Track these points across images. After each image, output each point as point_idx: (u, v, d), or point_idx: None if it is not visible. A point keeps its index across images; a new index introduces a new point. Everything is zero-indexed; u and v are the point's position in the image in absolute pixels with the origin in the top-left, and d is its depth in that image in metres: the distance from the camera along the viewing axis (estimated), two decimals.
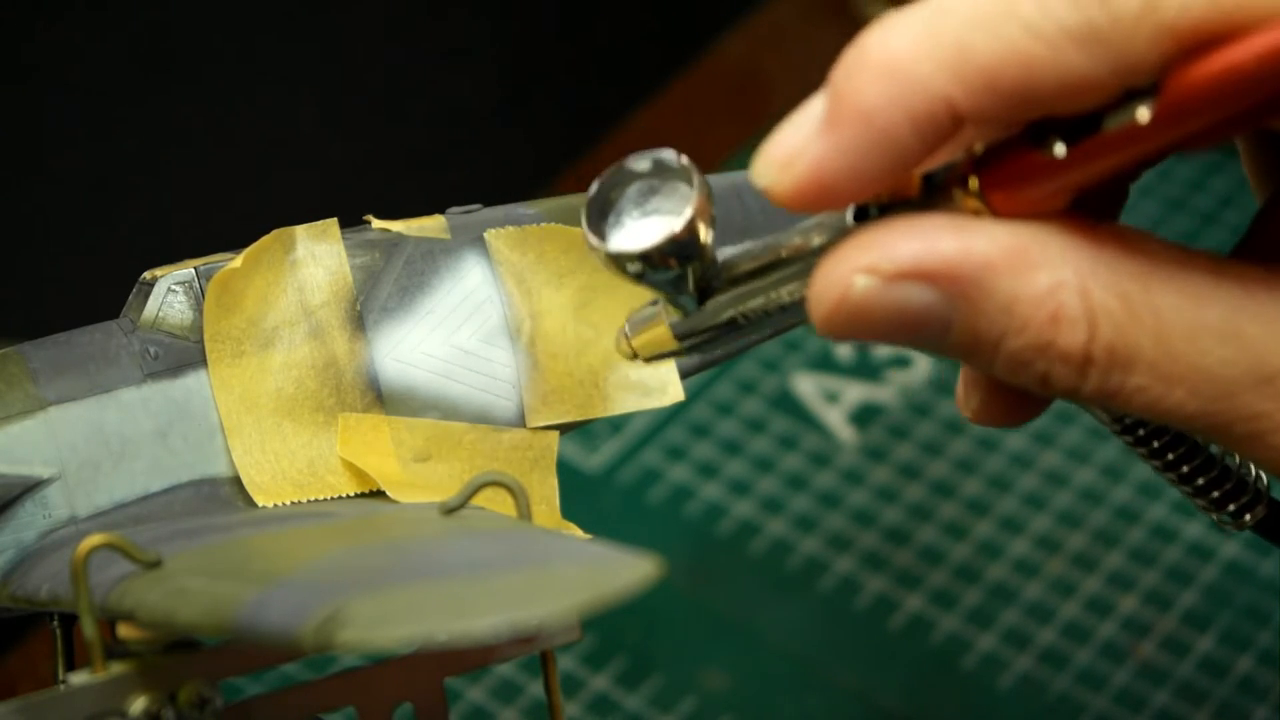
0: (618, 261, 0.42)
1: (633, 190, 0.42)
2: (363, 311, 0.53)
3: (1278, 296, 0.39)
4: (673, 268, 0.42)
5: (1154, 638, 0.73)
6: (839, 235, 0.41)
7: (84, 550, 0.44)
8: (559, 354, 0.54)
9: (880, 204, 0.40)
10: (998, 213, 0.39)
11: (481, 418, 0.53)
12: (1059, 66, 0.37)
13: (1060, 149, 0.38)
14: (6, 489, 0.50)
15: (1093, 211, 0.40)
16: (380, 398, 0.53)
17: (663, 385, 0.55)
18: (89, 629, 0.44)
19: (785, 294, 0.42)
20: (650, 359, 0.46)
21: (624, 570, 0.39)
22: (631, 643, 0.74)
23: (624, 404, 0.55)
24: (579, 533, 0.51)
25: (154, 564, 0.44)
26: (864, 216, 0.40)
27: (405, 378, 0.53)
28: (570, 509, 0.54)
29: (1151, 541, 0.76)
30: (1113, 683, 0.71)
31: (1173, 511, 0.77)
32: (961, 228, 0.39)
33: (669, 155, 0.42)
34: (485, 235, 0.54)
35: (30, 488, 0.50)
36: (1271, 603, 0.73)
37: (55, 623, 0.52)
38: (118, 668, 0.45)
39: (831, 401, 0.82)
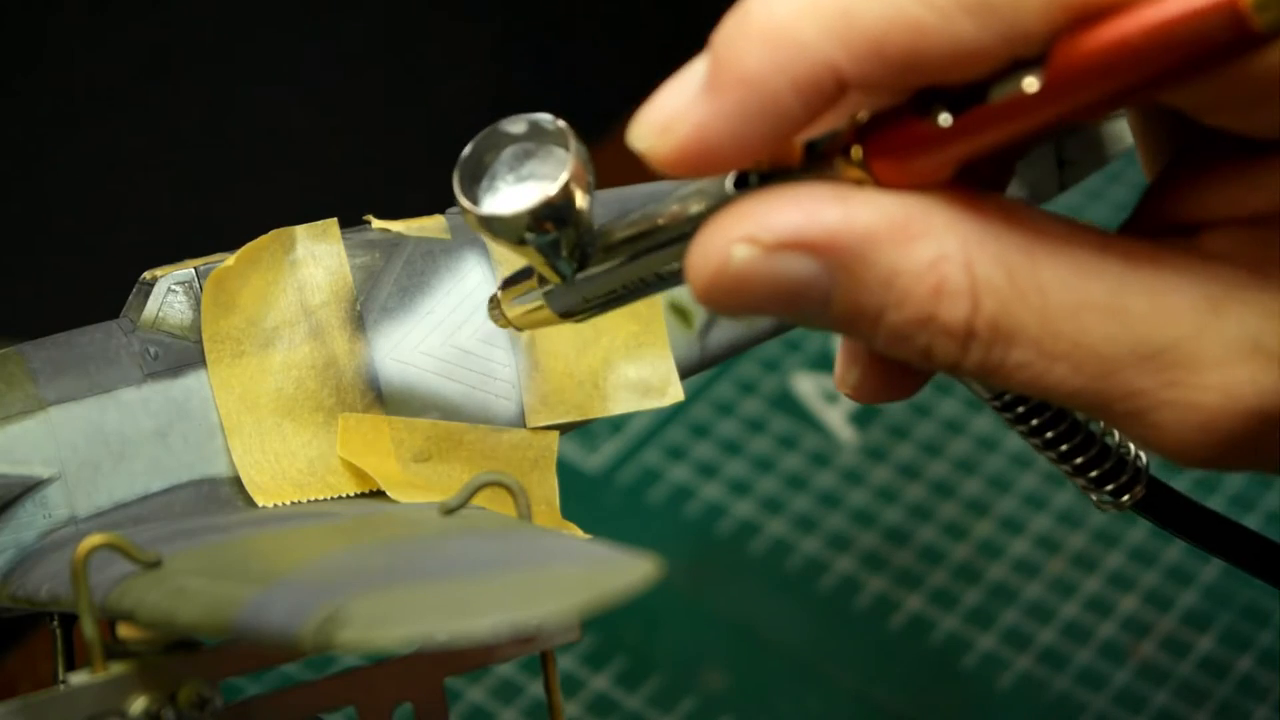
0: (491, 225, 0.41)
1: (507, 154, 0.41)
2: (363, 311, 0.53)
3: (1163, 273, 0.38)
4: (548, 232, 0.41)
5: (1154, 638, 0.73)
6: (718, 203, 0.40)
7: (84, 550, 0.44)
8: (559, 354, 0.54)
9: (761, 172, 0.39)
10: (881, 183, 0.38)
11: (481, 418, 0.53)
12: (947, 33, 0.36)
13: (946, 118, 0.37)
14: (6, 489, 0.50)
15: (978, 185, 0.39)
16: (380, 398, 0.53)
17: (663, 385, 0.55)
18: (89, 629, 0.44)
19: (663, 262, 0.42)
20: (525, 328, 0.45)
21: (624, 570, 0.39)
22: (631, 643, 0.74)
23: (624, 404, 0.55)
24: (579, 533, 0.51)
25: (154, 564, 0.44)
26: (744, 184, 0.39)
27: (405, 378, 0.53)
28: (570, 509, 0.54)
29: (1151, 541, 0.76)
30: (1113, 683, 0.71)
31: None
32: (843, 197, 0.38)
33: (545, 118, 0.41)
34: None
35: (30, 488, 0.50)
36: (1271, 603, 0.73)
37: (55, 623, 0.52)
38: (118, 668, 0.45)
39: (831, 401, 0.82)
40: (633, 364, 0.55)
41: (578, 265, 0.42)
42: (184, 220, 1.02)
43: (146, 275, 0.52)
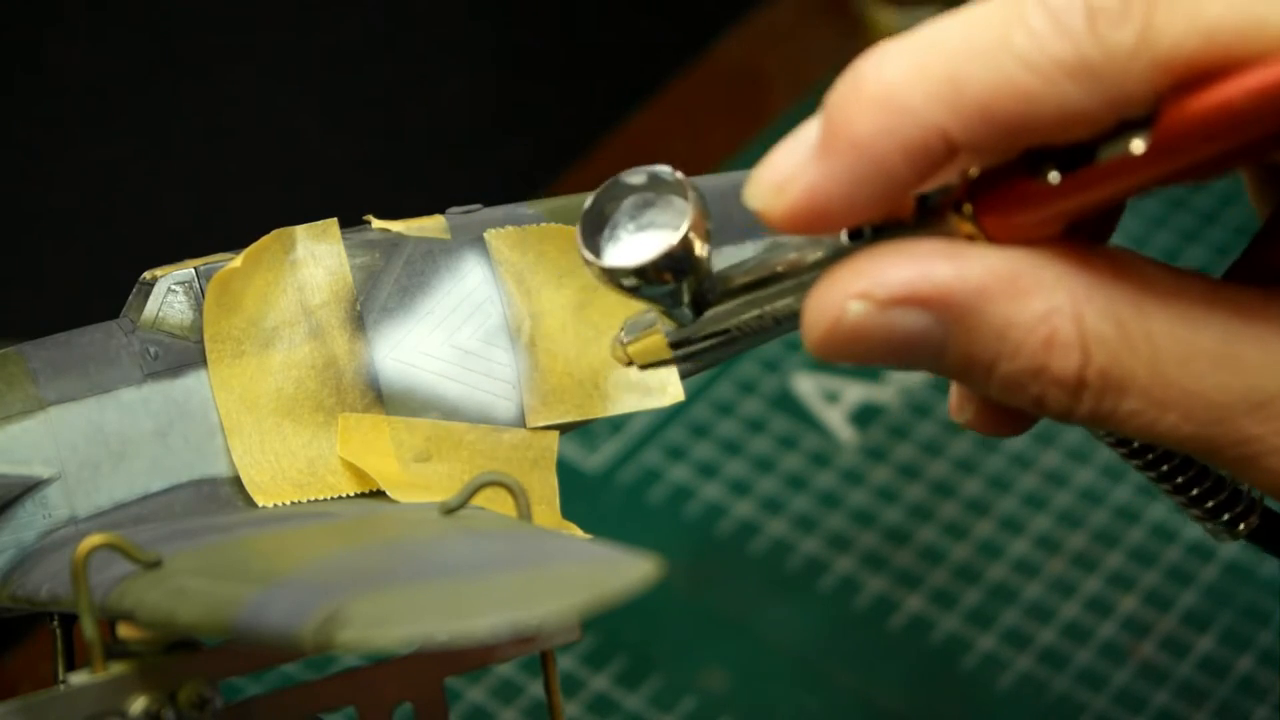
0: (613, 277, 0.42)
1: (627, 204, 0.42)
2: (363, 311, 0.53)
3: (1273, 321, 0.39)
4: (668, 282, 0.42)
5: (1154, 638, 0.73)
6: (834, 253, 0.41)
7: (84, 550, 0.44)
8: (559, 354, 0.54)
9: (874, 225, 0.41)
10: (992, 238, 0.39)
11: (481, 418, 0.53)
12: (1053, 99, 0.37)
13: (1055, 177, 0.38)
14: (6, 489, 0.50)
15: (1084, 233, 0.40)
16: (380, 398, 0.53)
17: (663, 385, 0.55)
18: (89, 629, 0.44)
19: (780, 308, 0.43)
20: (646, 366, 0.46)
21: (624, 570, 0.39)
22: (631, 643, 0.74)
23: (624, 404, 0.55)
24: (579, 533, 0.51)
25: (154, 564, 0.44)
26: (859, 236, 0.41)
27: (405, 378, 0.53)
28: (570, 509, 0.54)
29: (1151, 541, 0.76)
30: (1113, 683, 0.71)
31: (1173, 511, 0.77)
32: (955, 253, 0.39)
33: (664, 170, 0.42)
34: (485, 235, 0.54)
35: (30, 488, 0.50)
36: (1271, 603, 0.73)
37: (55, 623, 0.52)
38: (118, 668, 0.45)
39: (831, 401, 0.82)
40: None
41: (697, 310, 0.43)
42: (184, 220, 1.02)
43: (146, 275, 0.52)
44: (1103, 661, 0.72)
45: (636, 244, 0.42)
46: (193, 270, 0.52)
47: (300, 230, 0.53)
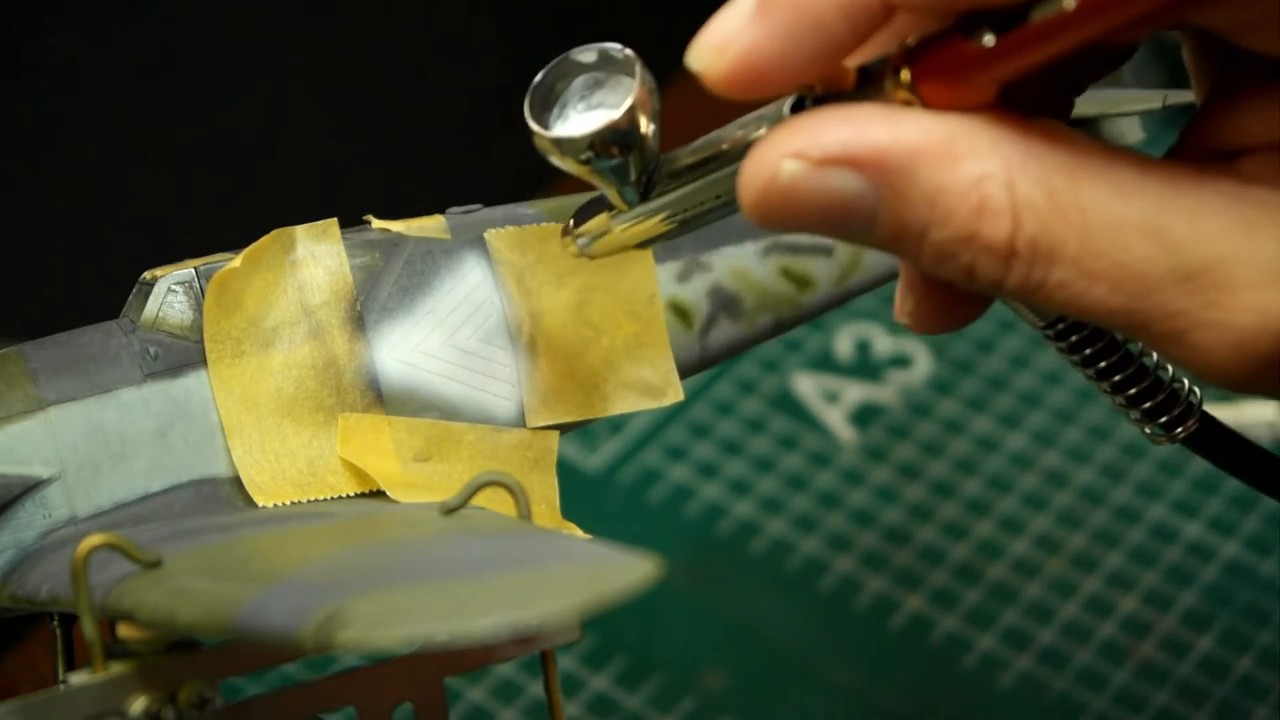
0: (561, 147, 0.43)
1: (578, 82, 0.43)
2: (363, 311, 0.53)
3: (1203, 195, 0.39)
4: (615, 156, 0.42)
5: (1154, 638, 0.73)
6: (776, 126, 0.41)
7: (84, 550, 0.44)
8: (559, 354, 0.54)
9: (815, 96, 0.41)
10: (928, 104, 0.39)
11: (481, 418, 0.53)
12: None
13: (989, 39, 0.38)
14: (6, 489, 0.50)
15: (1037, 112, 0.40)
16: (380, 398, 0.53)
17: (663, 385, 0.55)
18: (89, 629, 0.44)
19: (724, 186, 0.43)
20: (596, 255, 0.47)
21: (624, 570, 0.39)
22: (631, 643, 0.74)
23: (624, 404, 0.55)
24: (579, 533, 0.51)
25: (154, 564, 0.44)
26: (801, 108, 0.41)
27: (405, 378, 0.53)
28: (570, 509, 0.54)
29: (1151, 541, 0.76)
30: (1113, 683, 0.71)
31: (1173, 511, 0.77)
32: (891, 117, 0.39)
33: (614, 47, 0.43)
34: (485, 235, 0.54)
35: (30, 488, 0.50)
36: (1271, 603, 0.73)
37: (55, 623, 0.52)
38: (118, 668, 0.45)
39: (831, 401, 0.82)
40: (633, 364, 0.55)
41: (644, 191, 0.44)
42: (184, 220, 1.02)
43: (146, 275, 0.52)
44: (1103, 661, 0.72)
45: (585, 120, 0.42)
46: (193, 270, 0.52)
47: (300, 230, 0.53)
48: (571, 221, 0.47)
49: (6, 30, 1.06)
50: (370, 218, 0.54)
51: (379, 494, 0.52)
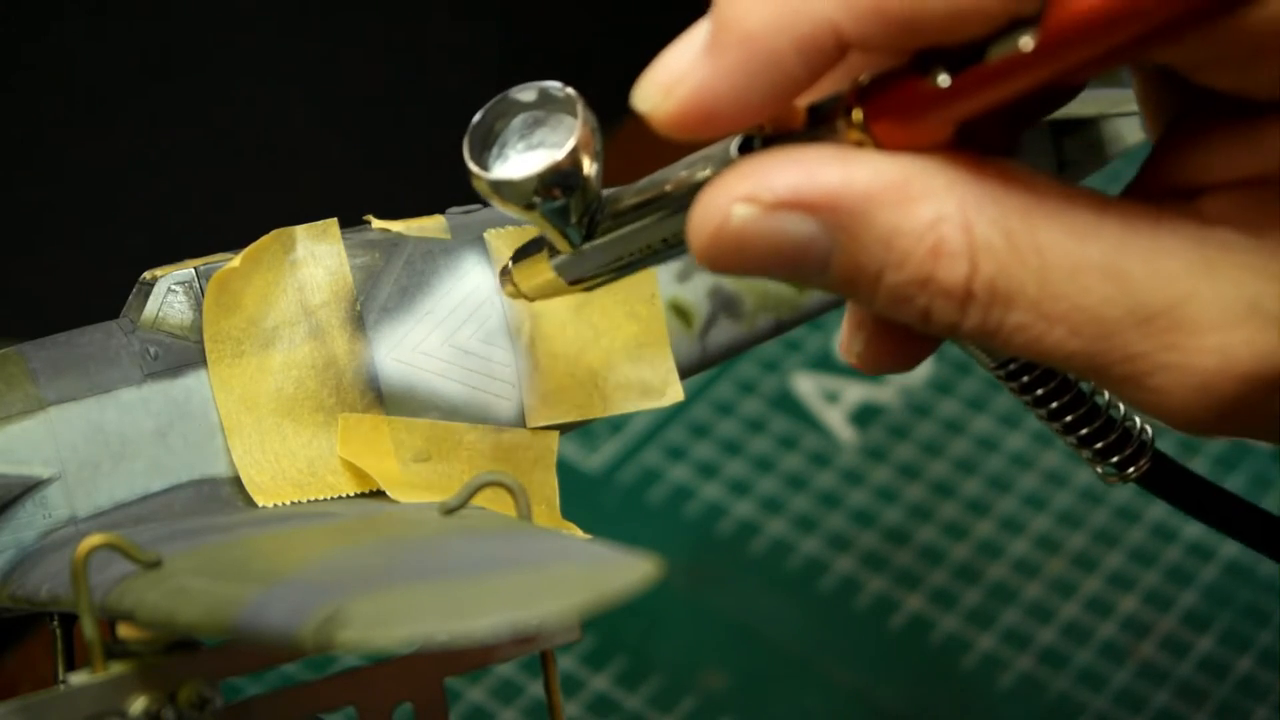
0: (500, 190, 0.41)
1: (517, 122, 0.42)
2: (363, 311, 0.53)
3: (1161, 235, 0.38)
4: (556, 198, 0.41)
5: (1154, 638, 0.73)
6: (723, 167, 0.40)
7: (84, 550, 0.44)
8: (559, 354, 0.54)
9: (765, 136, 0.40)
10: (882, 145, 0.38)
11: (481, 418, 0.53)
12: None
13: (944, 78, 0.37)
14: (6, 489, 0.50)
15: (983, 153, 0.39)
16: (380, 398, 0.53)
17: (663, 385, 0.55)
18: (89, 629, 0.44)
19: (670, 229, 0.42)
20: (535, 298, 0.46)
21: (624, 570, 0.39)
22: (631, 643, 0.74)
23: (624, 404, 0.55)
24: (579, 533, 0.51)
25: (154, 564, 0.44)
26: (749, 149, 0.40)
27: (405, 378, 0.53)
28: (570, 509, 0.54)
29: (1151, 541, 0.76)
30: (1113, 683, 0.71)
31: (1173, 511, 0.77)
32: (844, 158, 0.38)
33: (554, 86, 0.42)
34: (485, 235, 0.54)
35: (30, 488, 0.50)
36: (1271, 603, 0.73)
37: (55, 623, 0.52)
38: (118, 668, 0.45)
39: (831, 401, 0.82)
40: (633, 364, 0.55)
41: (587, 233, 0.43)
42: (184, 220, 1.02)
43: (146, 275, 0.52)
44: (1103, 661, 0.72)
45: (525, 160, 0.41)
46: (193, 270, 0.52)
47: (300, 230, 0.53)
48: (510, 262, 0.46)
49: (6, 30, 1.06)
50: (370, 218, 0.54)
51: (379, 494, 0.52)
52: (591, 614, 0.38)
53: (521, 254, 0.46)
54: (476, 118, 0.42)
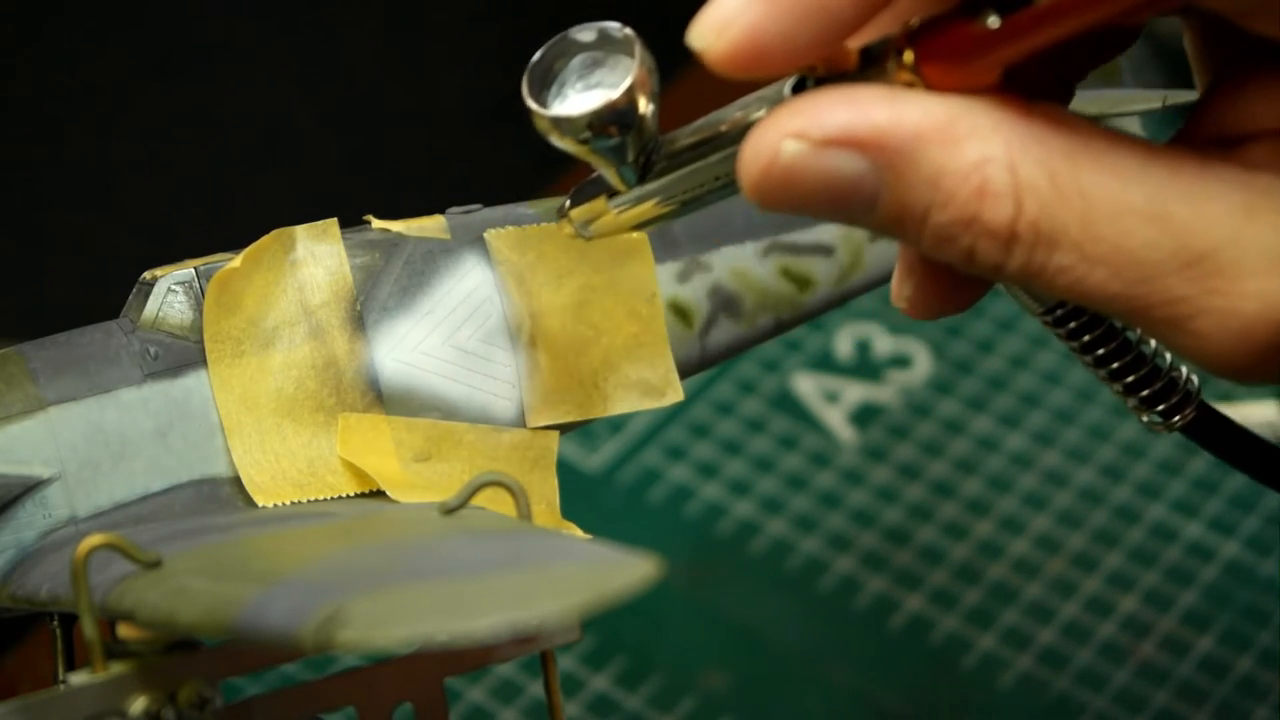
0: (559, 126, 0.42)
1: (576, 61, 0.42)
2: (363, 311, 0.53)
3: (1206, 180, 0.39)
4: (613, 136, 0.42)
5: (1154, 638, 0.73)
6: (776, 106, 0.40)
7: (84, 550, 0.44)
8: (559, 354, 0.54)
9: (817, 77, 0.40)
10: (931, 86, 0.39)
11: (481, 418, 0.53)
12: None
13: (994, 20, 0.38)
14: (6, 489, 0.50)
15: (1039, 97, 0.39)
16: (380, 398, 0.53)
17: (663, 385, 0.55)
18: (89, 629, 0.44)
19: (724, 168, 0.42)
20: (593, 236, 0.46)
21: (624, 570, 0.39)
22: (631, 643, 0.74)
23: (624, 404, 0.55)
24: (579, 533, 0.51)
25: (154, 564, 0.44)
26: (802, 89, 0.40)
27: (405, 378, 0.53)
28: (570, 509, 0.54)
29: (1151, 541, 0.76)
30: (1113, 683, 0.71)
31: (1172, 511, 0.77)
32: (893, 98, 0.39)
33: (613, 26, 0.42)
34: (485, 235, 0.54)
35: (30, 488, 0.50)
36: (1271, 603, 0.73)
37: (55, 623, 0.52)
38: (118, 668, 0.45)
39: (831, 401, 0.82)
40: (633, 364, 0.55)
41: (643, 172, 0.43)
42: (184, 220, 1.02)
43: (146, 275, 0.52)
44: (1103, 661, 0.72)
45: (583, 100, 0.42)
46: (193, 270, 0.52)
47: (300, 230, 0.53)
48: (567, 202, 0.46)
49: (6, 30, 1.06)
50: (370, 218, 0.54)
51: (379, 494, 0.52)
52: (591, 614, 0.38)
53: (580, 193, 0.46)
54: (536, 56, 0.42)
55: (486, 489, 0.46)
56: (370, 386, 0.53)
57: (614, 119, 0.42)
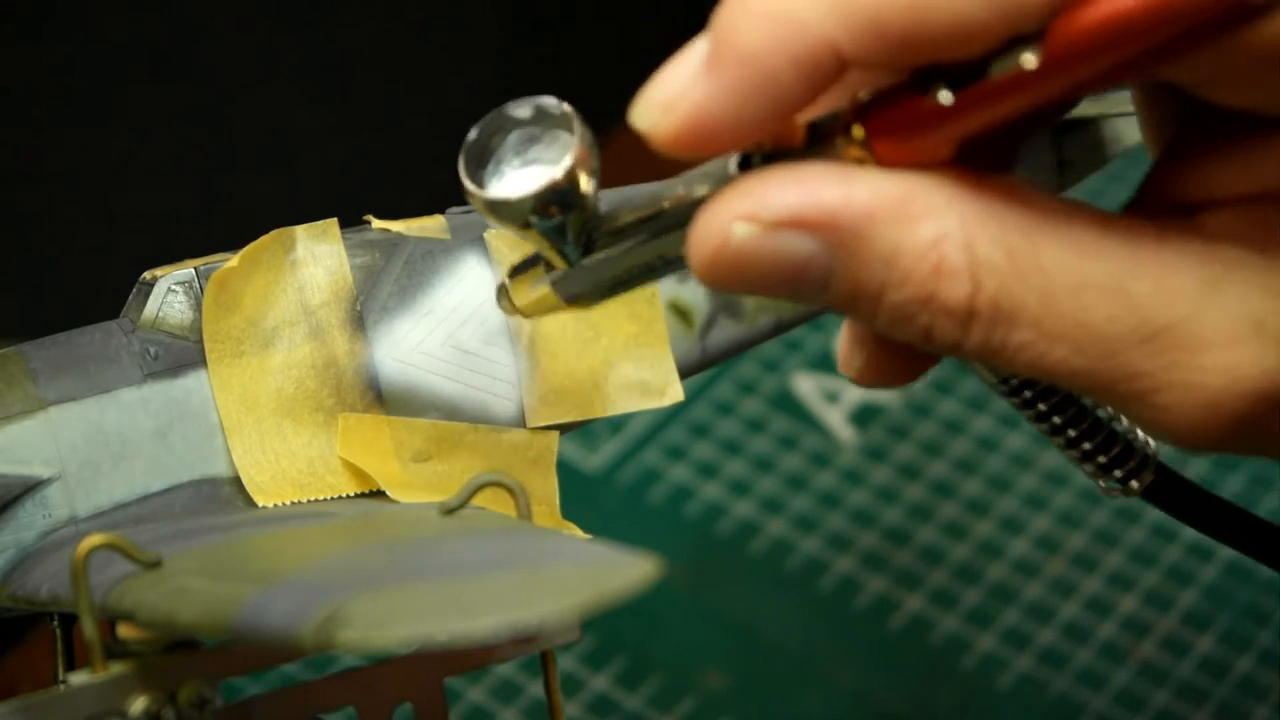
0: (496, 210, 0.41)
1: (513, 138, 0.41)
2: (363, 311, 0.53)
3: (1165, 253, 0.38)
4: (553, 216, 0.41)
5: (1154, 638, 0.73)
6: (722, 185, 0.40)
7: (84, 550, 0.44)
8: (559, 354, 0.54)
9: (764, 153, 0.39)
10: (882, 162, 0.38)
11: (481, 418, 0.53)
12: (947, 10, 0.36)
13: (946, 96, 0.37)
14: (6, 489, 0.50)
15: (982, 167, 0.39)
16: (380, 398, 0.53)
17: (663, 385, 0.55)
18: (89, 629, 0.44)
19: (669, 246, 0.42)
20: (532, 315, 0.45)
21: (624, 570, 0.39)
22: (631, 643, 0.74)
23: (624, 404, 0.55)
24: (579, 533, 0.51)
25: (154, 564, 0.44)
26: (748, 166, 0.40)
27: (405, 378, 0.53)
28: (570, 509, 0.54)
29: (1151, 541, 0.76)
30: (1113, 683, 0.71)
31: None
32: (844, 176, 0.38)
33: (550, 102, 0.41)
34: (485, 235, 0.54)
35: (30, 488, 0.50)
36: (1271, 603, 0.73)
37: (55, 623, 0.52)
38: (118, 668, 0.45)
39: (831, 401, 0.82)
40: (633, 364, 0.55)
41: (584, 250, 0.42)
42: (184, 220, 1.02)
43: (146, 275, 0.52)
44: (1103, 661, 0.72)
45: (521, 178, 0.41)
46: (193, 270, 0.52)
47: (300, 230, 0.53)
48: (506, 280, 0.45)
49: (6, 30, 1.06)
50: (370, 218, 0.54)
51: (379, 494, 0.52)
52: (591, 614, 0.38)
53: (518, 271, 0.45)
54: (471, 134, 0.41)
55: (486, 489, 0.46)
56: (370, 386, 0.53)
57: (555, 199, 0.40)
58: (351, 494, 0.52)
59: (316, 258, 0.53)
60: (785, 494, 0.79)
